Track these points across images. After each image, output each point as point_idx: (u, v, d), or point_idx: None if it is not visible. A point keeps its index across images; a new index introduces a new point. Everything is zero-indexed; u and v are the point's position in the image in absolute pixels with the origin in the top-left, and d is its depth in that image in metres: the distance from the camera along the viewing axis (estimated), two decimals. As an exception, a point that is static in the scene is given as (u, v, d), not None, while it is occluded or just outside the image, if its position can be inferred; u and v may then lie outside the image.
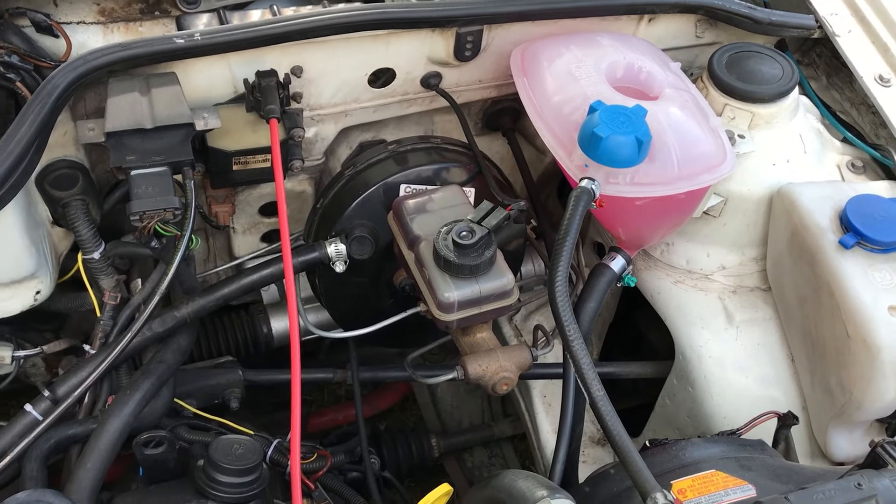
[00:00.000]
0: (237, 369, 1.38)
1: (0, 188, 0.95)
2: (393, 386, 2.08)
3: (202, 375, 1.36)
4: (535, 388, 1.69)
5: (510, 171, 1.50)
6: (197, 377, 1.35)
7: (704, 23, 1.41)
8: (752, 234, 1.34)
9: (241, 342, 1.49)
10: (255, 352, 1.51)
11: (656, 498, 0.91)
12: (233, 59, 1.17)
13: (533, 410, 1.67)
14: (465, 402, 2.03)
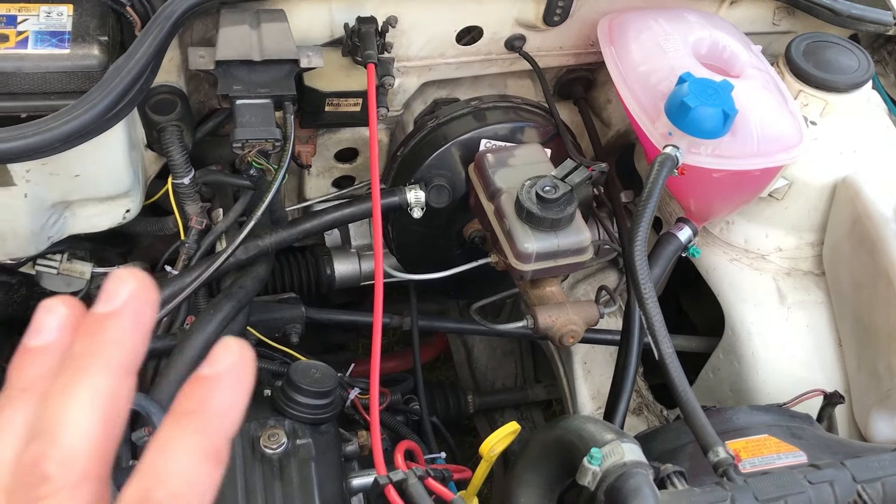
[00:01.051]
0: (300, 305, 1.43)
1: (118, 104, 0.99)
2: (430, 342, 2.13)
3: (267, 308, 1.42)
4: (577, 355, 1.74)
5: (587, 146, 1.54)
6: (262, 309, 1.40)
7: (783, 10, 1.44)
8: (812, 220, 1.38)
9: (305, 281, 1.54)
10: (317, 291, 1.56)
11: (718, 451, 0.96)
12: (334, 3, 1.21)
13: (573, 376, 1.72)
14: (501, 364, 2.08)
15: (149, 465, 0.32)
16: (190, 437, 0.33)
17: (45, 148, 0.97)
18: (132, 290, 0.34)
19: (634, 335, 1.20)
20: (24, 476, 0.32)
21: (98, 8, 1.12)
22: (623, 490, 0.89)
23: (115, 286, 0.35)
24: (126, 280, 0.35)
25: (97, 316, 0.34)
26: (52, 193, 1.11)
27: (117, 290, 0.34)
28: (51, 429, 0.32)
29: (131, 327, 0.34)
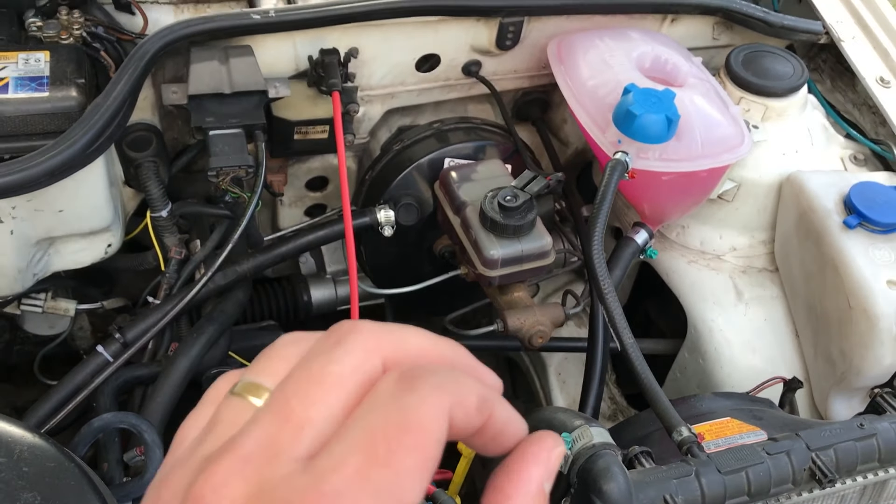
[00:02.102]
0: (279, 332, 1.48)
1: (99, 137, 1.05)
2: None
3: (248, 336, 1.46)
4: (551, 367, 1.79)
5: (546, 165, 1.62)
6: (244, 337, 1.45)
7: (721, 25, 1.54)
8: (762, 219, 1.46)
9: (283, 309, 1.59)
10: (295, 318, 1.61)
11: (681, 430, 1.02)
12: (298, 38, 1.28)
13: (548, 387, 1.78)
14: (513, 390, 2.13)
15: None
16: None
17: (31, 183, 1.02)
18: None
19: (599, 333, 1.26)
20: (341, 326, 0.36)
21: (74, 53, 1.19)
22: (593, 470, 0.95)
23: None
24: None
25: None
26: (38, 230, 1.16)
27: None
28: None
29: None
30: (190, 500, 0.31)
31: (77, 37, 1.22)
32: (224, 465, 0.32)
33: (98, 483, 0.88)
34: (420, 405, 0.32)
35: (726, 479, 0.97)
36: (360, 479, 0.30)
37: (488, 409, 0.35)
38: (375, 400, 0.33)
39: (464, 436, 0.35)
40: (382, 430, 0.31)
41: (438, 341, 0.37)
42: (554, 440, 0.38)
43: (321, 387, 0.33)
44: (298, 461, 0.31)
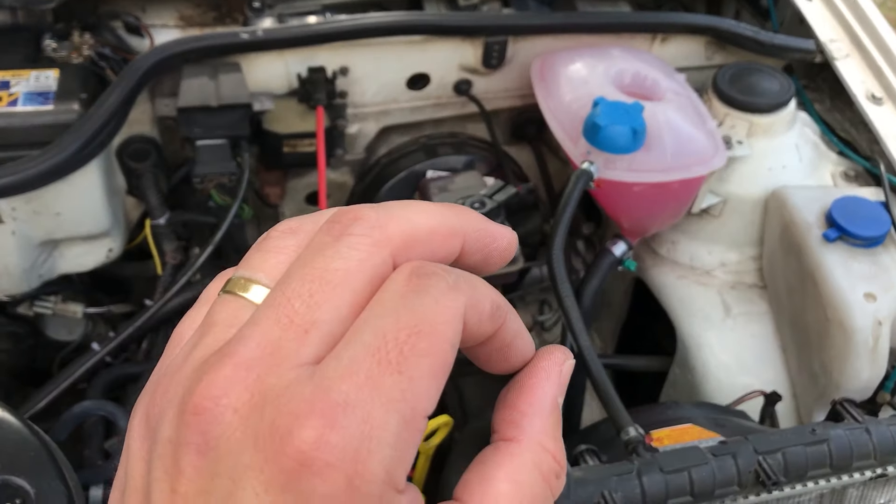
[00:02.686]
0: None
1: (89, 144, 1.14)
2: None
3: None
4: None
5: (536, 181, 1.66)
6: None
7: (714, 45, 1.56)
8: (750, 234, 1.46)
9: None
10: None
11: (628, 430, 1.03)
12: (289, 57, 1.36)
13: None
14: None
15: None
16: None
17: (24, 185, 1.11)
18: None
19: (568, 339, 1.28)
20: (341, 215, 0.32)
21: (81, 71, 1.29)
22: (533, 464, 0.97)
23: None
24: None
25: None
26: (38, 231, 1.25)
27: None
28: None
29: None
30: (189, 411, 0.29)
31: (86, 56, 1.32)
32: (224, 374, 0.29)
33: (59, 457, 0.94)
34: (434, 306, 0.29)
35: (668, 479, 0.98)
36: (372, 386, 0.28)
37: (501, 316, 0.33)
38: (386, 301, 0.30)
39: (474, 342, 0.33)
40: (394, 333, 0.29)
41: (446, 213, 0.33)
42: (563, 353, 0.36)
43: (326, 286, 0.30)
44: (304, 367, 0.29)
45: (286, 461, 0.27)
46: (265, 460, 0.27)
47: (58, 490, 0.91)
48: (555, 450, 0.34)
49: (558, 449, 0.34)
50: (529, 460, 0.33)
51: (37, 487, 0.89)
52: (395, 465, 0.28)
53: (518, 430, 0.34)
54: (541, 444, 0.34)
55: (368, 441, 0.27)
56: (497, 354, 0.34)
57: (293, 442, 0.27)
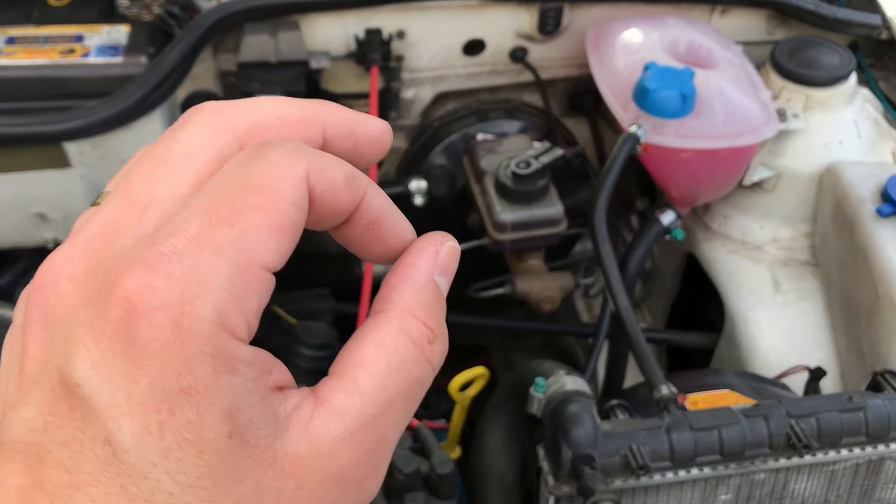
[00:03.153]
0: (330, 298, 1.58)
1: (153, 93, 1.20)
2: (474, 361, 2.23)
3: (299, 298, 1.58)
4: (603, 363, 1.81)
5: (591, 155, 1.66)
6: (294, 299, 1.56)
7: (775, 19, 1.54)
8: (804, 210, 1.44)
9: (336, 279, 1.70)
10: (347, 289, 1.71)
11: (661, 388, 1.04)
12: (348, 18, 1.39)
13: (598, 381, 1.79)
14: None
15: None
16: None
17: (92, 128, 1.18)
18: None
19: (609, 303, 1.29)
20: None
21: (150, 28, 1.35)
22: (562, 414, 0.98)
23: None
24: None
25: None
26: (104, 177, 1.31)
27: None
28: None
29: None
30: (32, 290, 0.30)
31: (156, 14, 1.38)
32: (64, 250, 0.30)
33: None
34: (269, 167, 0.29)
35: (697, 436, 0.98)
36: (200, 238, 0.28)
37: (360, 187, 0.32)
38: (222, 170, 0.30)
39: (334, 216, 0.32)
40: (226, 193, 0.29)
41: (301, 103, 0.33)
42: (443, 236, 0.36)
43: (165, 165, 0.31)
44: (141, 238, 0.29)
45: (112, 311, 0.27)
46: (94, 315, 0.28)
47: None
48: (426, 318, 0.33)
49: (431, 318, 0.34)
50: (397, 326, 0.33)
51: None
52: (229, 308, 0.28)
53: (387, 303, 0.33)
54: (410, 312, 0.33)
55: (196, 286, 0.27)
56: (368, 234, 0.34)
57: (117, 290, 0.27)
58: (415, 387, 0.33)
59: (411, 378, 0.32)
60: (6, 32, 1.31)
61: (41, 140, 1.19)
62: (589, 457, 0.95)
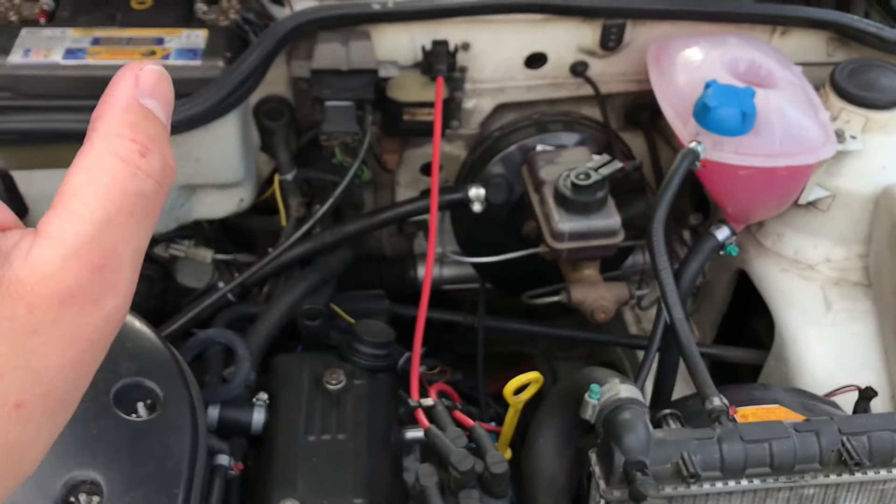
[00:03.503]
0: (385, 300, 1.63)
1: (230, 96, 1.25)
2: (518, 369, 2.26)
3: (355, 299, 1.62)
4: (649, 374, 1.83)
5: (647, 169, 1.68)
6: (351, 299, 1.61)
7: (836, 41, 1.55)
8: (859, 231, 1.45)
9: (391, 282, 1.75)
10: (402, 292, 1.76)
11: (713, 400, 1.06)
12: (415, 30, 1.44)
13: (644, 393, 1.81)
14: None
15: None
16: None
17: (172, 128, 1.23)
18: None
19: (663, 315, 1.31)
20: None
21: (227, 33, 1.41)
22: (616, 420, 1.01)
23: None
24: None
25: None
26: (180, 175, 1.37)
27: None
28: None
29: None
30: None
31: (233, 20, 1.44)
32: None
33: (185, 369, 1.05)
34: None
35: (748, 448, 1.01)
36: None
37: None
38: None
39: None
40: None
41: None
42: (142, 62, 0.38)
43: None
44: None
45: None
46: None
47: (183, 397, 1.02)
48: (133, 135, 0.35)
49: (139, 134, 0.35)
50: (101, 148, 0.34)
51: (165, 392, 1.00)
52: None
53: (91, 132, 0.35)
54: (113, 133, 0.35)
55: None
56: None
57: None
58: (137, 200, 0.34)
59: (128, 192, 0.34)
60: (92, 33, 1.38)
61: (124, 138, 1.25)
62: (641, 463, 0.98)
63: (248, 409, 1.20)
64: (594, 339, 1.69)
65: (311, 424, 1.17)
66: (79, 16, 1.42)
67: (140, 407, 0.98)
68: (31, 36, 1.36)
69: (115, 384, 0.97)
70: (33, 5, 1.44)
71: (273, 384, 1.26)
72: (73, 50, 1.35)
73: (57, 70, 1.32)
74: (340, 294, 1.56)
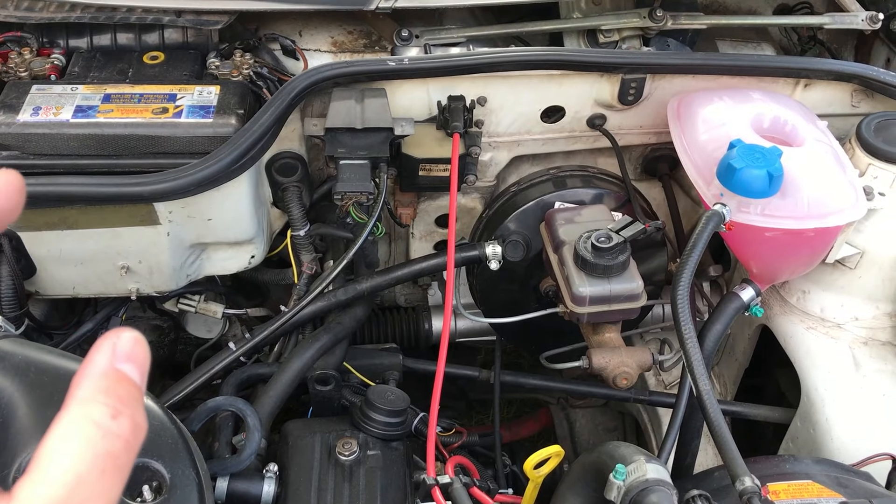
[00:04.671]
0: (398, 354, 1.59)
1: (243, 157, 1.23)
2: (535, 416, 2.22)
3: (369, 354, 1.59)
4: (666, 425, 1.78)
5: (665, 219, 1.65)
6: (364, 355, 1.58)
7: (860, 93, 1.51)
8: (888, 290, 1.41)
9: (405, 335, 1.71)
10: (415, 345, 1.72)
11: (744, 480, 1.02)
12: (431, 85, 1.41)
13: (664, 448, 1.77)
14: (603, 439, 2.13)
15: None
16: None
17: (182, 190, 1.21)
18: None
19: (686, 383, 1.27)
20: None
21: (240, 88, 1.38)
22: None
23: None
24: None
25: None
26: (190, 234, 1.35)
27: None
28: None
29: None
30: None
31: (245, 75, 1.42)
32: None
33: (193, 447, 1.01)
34: None
35: (782, 533, 0.96)
36: None
37: None
38: None
39: None
40: None
41: None
42: (119, 331, 0.42)
43: None
44: None
45: None
46: None
47: (190, 478, 0.98)
48: (106, 400, 0.38)
49: (112, 398, 0.38)
50: (77, 413, 0.38)
51: (172, 473, 0.96)
52: None
53: (69, 398, 0.38)
54: (89, 398, 0.38)
55: None
56: None
57: None
58: (107, 459, 0.37)
59: (99, 453, 0.37)
60: (104, 90, 1.36)
61: (135, 200, 1.22)
62: (670, 549, 0.93)
63: (258, 482, 1.16)
64: (612, 395, 1.64)
65: (322, 499, 1.13)
66: (90, 72, 1.40)
67: (146, 490, 0.93)
68: (42, 93, 1.34)
69: (121, 466, 0.93)
70: (44, 60, 1.42)
71: (283, 452, 1.22)
72: (83, 108, 1.32)
73: (66, 128, 1.29)
74: (353, 348, 1.52)
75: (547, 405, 2.20)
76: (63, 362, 1.05)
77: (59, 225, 1.28)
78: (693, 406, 1.31)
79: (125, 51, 1.46)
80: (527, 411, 2.29)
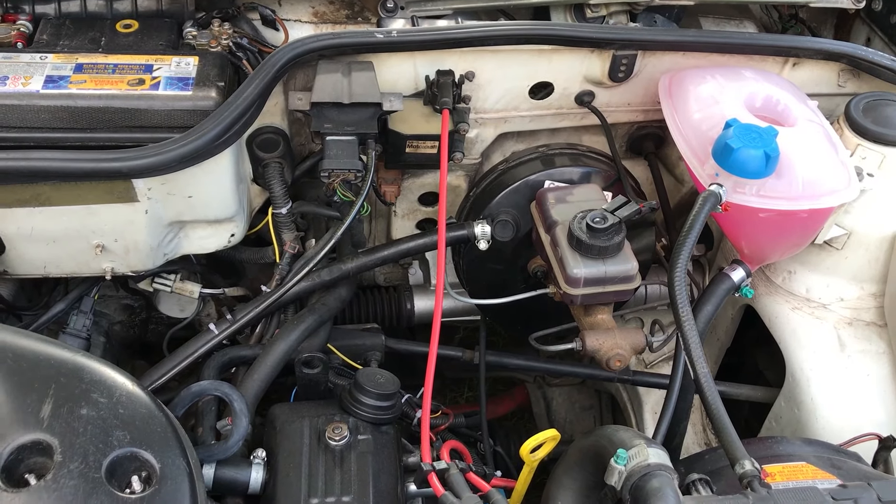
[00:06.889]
0: (380, 335, 1.56)
1: (227, 132, 1.18)
2: (511, 394, 2.21)
3: (351, 335, 1.55)
4: (647, 404, 1.79)
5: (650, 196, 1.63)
6: (346, 335, 1.54)
7: (847, 72, 1.51)
8: (874, 270, 1.41)
9: (387, 314, 1.68)
10: (397, 325, 1.69)
11: (744, 464, 1.01)
12: (419, 59, 1.37)
13: (643, 426, 1.77)
14: (579, 418, 2.13)
15: None
16: None
17: (164, 166, 1.15)
18: None
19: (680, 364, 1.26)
20: None
21: (219, 60, 1.32)
22: (645, 489, 0.96)
23: None
24: None
25: None
26: (169, 212, 1.29)
27: None
28: None
29: None
30: None
31: (224, 46, 1.36)
32: None
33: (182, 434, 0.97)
34: None
35: (783, 517, 0.95)
36: None
37: None
38: None
39: None
40: None
41: None
42: None
43: None
44: None
45: None
46: None
47: (180, 468, 0.94)
48: None
49: None
50: None
51: (161, 462, 0.92)
52: None
53: None
54: None
55: None
56: None
57: None
58: None
59: None
60: (75, 59, 1.29)
61: (113, 176, 1.17)
62: (673, 534, 0.92)
63: (246, 468, 1.12)
64: (595, 375, 1.63)
65: (313, 486, 1.10)
66: (60, 40, 1.33)
67: (135, 481, 0.90)
68: (8, 62, 1.27)
69: (107, 456, 0.89)
70: (9, 27, 1.34)
71: (271, 438, 1.19)
72: (54, 78, 1.26)
73: (36, 100, 1.23)
74: (334, 329, 1.49)
75: (523, 383, 2.20)
76: (42, 346, 1.00)
77: (31, 202, 1.22)
78: (683, 388, 1.31)
79: (96, 18, 1.39)
80: (501, 389, 2.28)
